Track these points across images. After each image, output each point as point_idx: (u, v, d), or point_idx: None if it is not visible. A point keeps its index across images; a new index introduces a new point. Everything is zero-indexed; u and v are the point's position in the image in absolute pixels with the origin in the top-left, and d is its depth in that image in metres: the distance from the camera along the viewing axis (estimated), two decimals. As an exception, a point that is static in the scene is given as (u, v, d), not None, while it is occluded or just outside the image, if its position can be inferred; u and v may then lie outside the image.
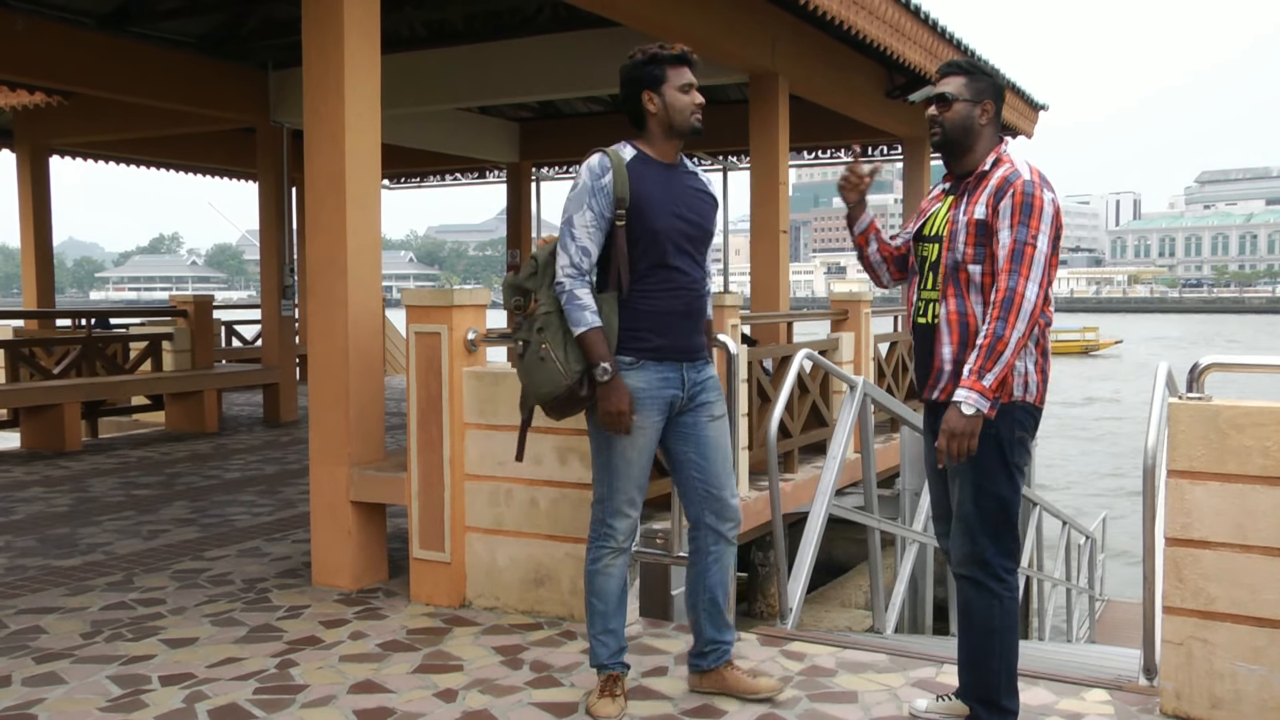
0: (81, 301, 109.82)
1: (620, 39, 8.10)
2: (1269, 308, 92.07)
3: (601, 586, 3.27)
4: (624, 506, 3.22)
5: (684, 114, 3.14)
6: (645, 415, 3.15)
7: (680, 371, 3.19)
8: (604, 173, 3.10)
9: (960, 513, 2.96)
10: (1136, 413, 24.83)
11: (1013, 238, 2.80)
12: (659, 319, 3.13)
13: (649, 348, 3.13)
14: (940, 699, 3.23)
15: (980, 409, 2.78)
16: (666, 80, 3.13)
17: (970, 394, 2.78)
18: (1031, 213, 2.80)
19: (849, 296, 7.56)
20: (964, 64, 3.03)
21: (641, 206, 3.09)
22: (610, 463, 3.20)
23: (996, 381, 2.78)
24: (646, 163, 3.16)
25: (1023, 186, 2.83)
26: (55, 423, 8.65)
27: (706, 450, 3.26)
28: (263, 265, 10.46)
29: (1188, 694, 3.13)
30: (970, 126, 2.96)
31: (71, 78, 8.66)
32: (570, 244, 3.10)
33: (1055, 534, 9.43)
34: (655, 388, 3.15)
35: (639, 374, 3.14)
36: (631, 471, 3.19)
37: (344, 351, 4.54)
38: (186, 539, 5.56)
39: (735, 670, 3.36)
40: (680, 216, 3.14)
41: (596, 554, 3.27)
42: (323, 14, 4.52)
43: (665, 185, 3.15)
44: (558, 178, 14.37)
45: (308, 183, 4.67)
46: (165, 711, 3.26)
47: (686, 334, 3.19)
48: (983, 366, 2.78)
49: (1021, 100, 10.60)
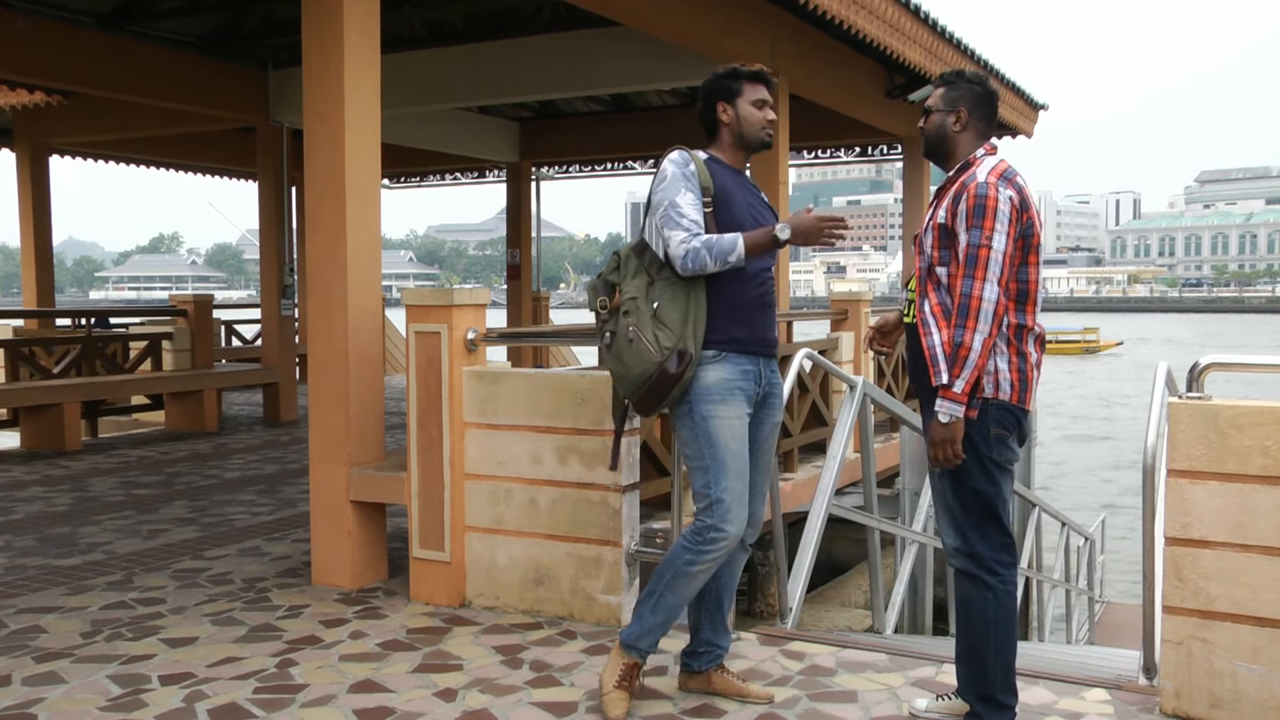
0: (81, 301, 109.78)
1: (620, 38, 8.12)
2: (1269, 307, 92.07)
3: (685, 588, 3.18)
4: (735, 505, 3.13)
5: (755, 127, 3.25)
6: (736, 406, 3.15)
7: (759, 366, 3.22)
8: (687, 163, 3.18)
9: (943, 505, 3.05)
10: (1138, 414, 24.82)
11: (966, 241, 2.89)
12: (740, 311, 3.16)
13: (731, 339, 3.15)
14: (940, 698, 3.23)
15: (955, 415, 2.87)
16: (742, 94, 3.24)
17: (944, 403, 2.87)
18: (984, 214, 2.87)
19: (849, 296, 7.57)
20: (949, 76, 3.14)
21: (725, 199, 3.16)
22: (716, 460, 3.13)
23: (968, 385, 2.87)
24: (719, 164, 3.26)
25: (975, 189, 2.90)
26: (55, 422, 8.65)
27: (757, 455, 3.27)
28: (262, 265, 10.46)
29: (1187, 693, 3.13)
30: (944, 134, 3.08)
31: (71, 77, 8.66)
32: (680, 219, 3.09)
33: (1078, 532, 9.42)
34: (738, 379, 3.16)
35: (724, 366, 3.15)
36: (738, 465, 3.15)
37: (344, 351, 4.54)
38: (186, 538, 5.56)
39: (725, 675, 3.36)
40: (754, 219, 3.20)
41: (696, 557, 3.14)
42: (323, 13, 4.52)
43: (739, 187, 3.25)
44: (557, 177, 14.38)
45: (307, 182, 4.67)
46: (165, 711, 3.26)
47: (765, 327, 3.23)
48: (954, 374, 2.86)
49: (1021, 100, 10.60)
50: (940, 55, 8.34)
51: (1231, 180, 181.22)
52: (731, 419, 3.14)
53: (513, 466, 4.23)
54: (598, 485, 4.07)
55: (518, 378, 4.27)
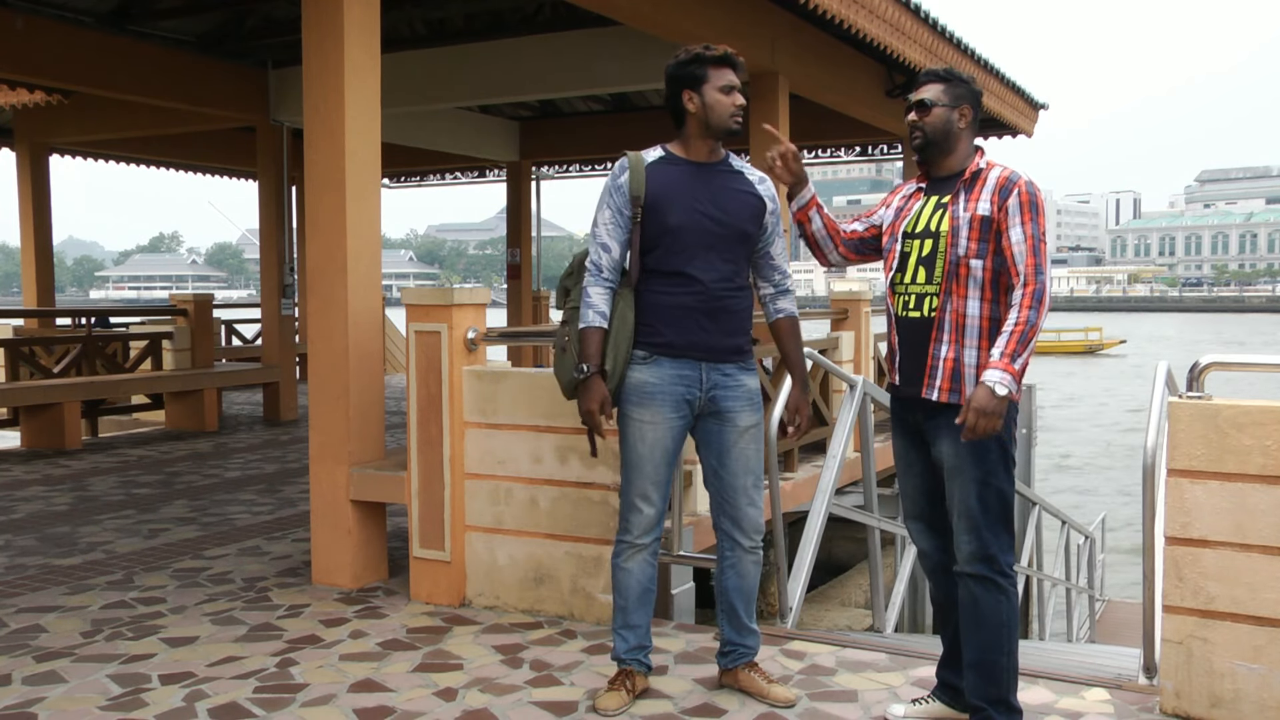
0: (81, 300, 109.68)
1: (620, 38, 8.11)
2: (1269, 307, 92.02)
3: (620, 582, 3.30)
4: (637, 501, 3.24)
5: (722, 114, 3.18)
6: (654, 410, 3.17)
7: (699, 371, 3.19)
8: (621, 173, 3.20)
9: (963, 510, 2.97)
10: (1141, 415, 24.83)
11: (1028, 233, 2.91)
12: (673, 315, 3.16)
13: (662, 343, 3.16)
14: (916, 703, 3.23)
15: (1011, 390, 2.85)
16: (708, 80, 3.17)
17: (1005, 376, 2.84)
18: (1037, 210, 2.94)
19: (849, 295, 7.56)
20: (941, 72, 3.12)
21: (657, 204, 3.14)
22: (625, 459, 3.25)
23: (1024, 365, 2.87)
24: (673, 162, 3.22)
25: (1026, 186, 2.95)
26: (55, 421, 8.65)
27: (726, 460, 3.27)
28: (263, 264, 10.46)
29: (1187, 693, 3.13)
30: (950, 130, 3.06)
31: (71, 76, 8.66)
32: (593, 243, 3.22)
33: (1078, 530, 9.42)
34: (667, 384, 3.16)
35: (651, 369, 3.17)
36: (644, 467, 3.21)
37: (344, 350, 4.54)
38: (186, 538, 5.56)
39: (752, 674, 3.37)
40: (705, 214, 3.15)
41: (617, 549, 3.32)
42: (323, 12, 4.52)
43: (691, 183, 3.18)
44: (558, 176, 14.38)
45: (307, 181, 4.67)
46: (165, 710, 3.26)
47: (706, 332, 3.17)
48: (1015, 351, 2.85)
49: (1021, 99, 10.59)
50: (940, 55, 8.33)
51: (1232, 180, 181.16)
52: (646, 422, 3.17)
53: (513, 466, 4.23)
54: (598, 485, 4.07)
55: (518, 377, 4.27)
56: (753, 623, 3.42)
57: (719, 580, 3.38)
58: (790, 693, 3.33)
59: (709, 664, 3.59)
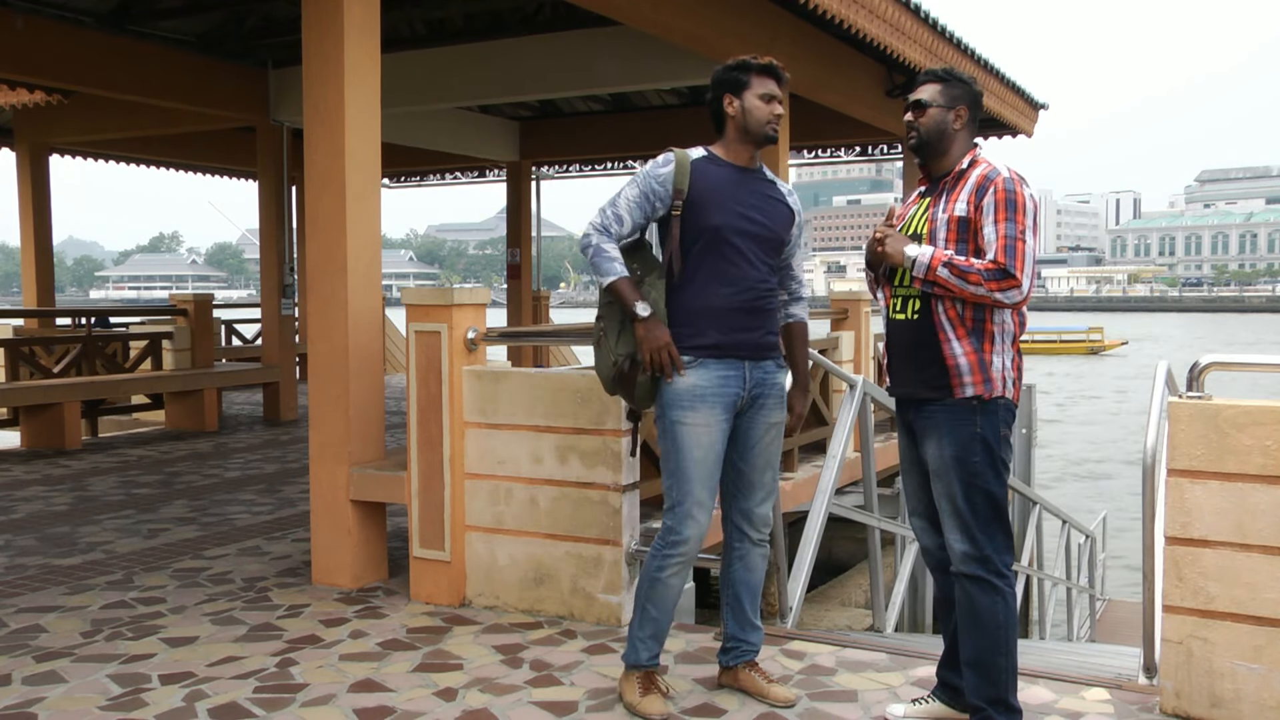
0: (81, 300, 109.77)
1: (620, 38, 8.11)
2: (1269, 307, 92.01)
3: (661, 596, 3.24)
4: (695, 510, 3.17)
5: (759, 120, 3.22)
6: (706, 413, 3.15)
7: (743, 370, 3.20)
8: (666, 164, 3.20)
9: (952, 510, 2.98)
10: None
11: (1002, 233, 2.88)
12: (718, 315, 3.16)
13: (708, 344, 3.16)
14: (916, 703, 3.23)
15: (915, 258, 2.91)
16: (749, 87, 3.22)
17: (925, 253, 2.91)
18: (1016, 209, 2.91)
19: (849, 295, 7.57)
20: (940, 72, 3.13)
21: (700, 202, 3.16)
22: (679, 466, 3.18)
23: (932, 276, 2.89)
24: (715, 163, 3.25)
25: (1003, 184, 2.93)
26: (55, 421, 8.65)
27: (749, 454, 3.28)
28: (263, 264, 10.46)
29: (1187, 693, 3.13)
30: (945, 130, 3.06)
31: (71, 76, 8.65)
32: (607, 208, 3.19)
33: (1078, 530, 9.42)
34: (716, 386, 3.16)
35: (699, 372, 3.16)
36: (700, 472, 3.17)
37: (344, 350, 4.54)
38: (186, 538, 5.56)
39: (753, 673, 3.36)
40: (744, 216, 3.19)
41: (663, 562, 3.22)
42: (323, 12, 4.52)
43: (732, 185, 3.22)
44: (558, 176, 14.37)
45: (307, 181, 4.67)
46: (165, 710, 3.26)
47: (750, 331, 3.20)
48: (954, 265, 2.87)
49: (1021, 99, 10.59)
50: (940, 55, 8.34)
51: (1232, 180, 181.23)
52: (699, 425, 3.15)
53: (513, 466, 4.23)
54: (598, 484, 4.07)
55: (518, 377, 4.27)
56: (757, 619, 3.41)
57: (726, 573, 3.37)
58: (790, 693, 3.33)
59: (709, 664, 3.59)
